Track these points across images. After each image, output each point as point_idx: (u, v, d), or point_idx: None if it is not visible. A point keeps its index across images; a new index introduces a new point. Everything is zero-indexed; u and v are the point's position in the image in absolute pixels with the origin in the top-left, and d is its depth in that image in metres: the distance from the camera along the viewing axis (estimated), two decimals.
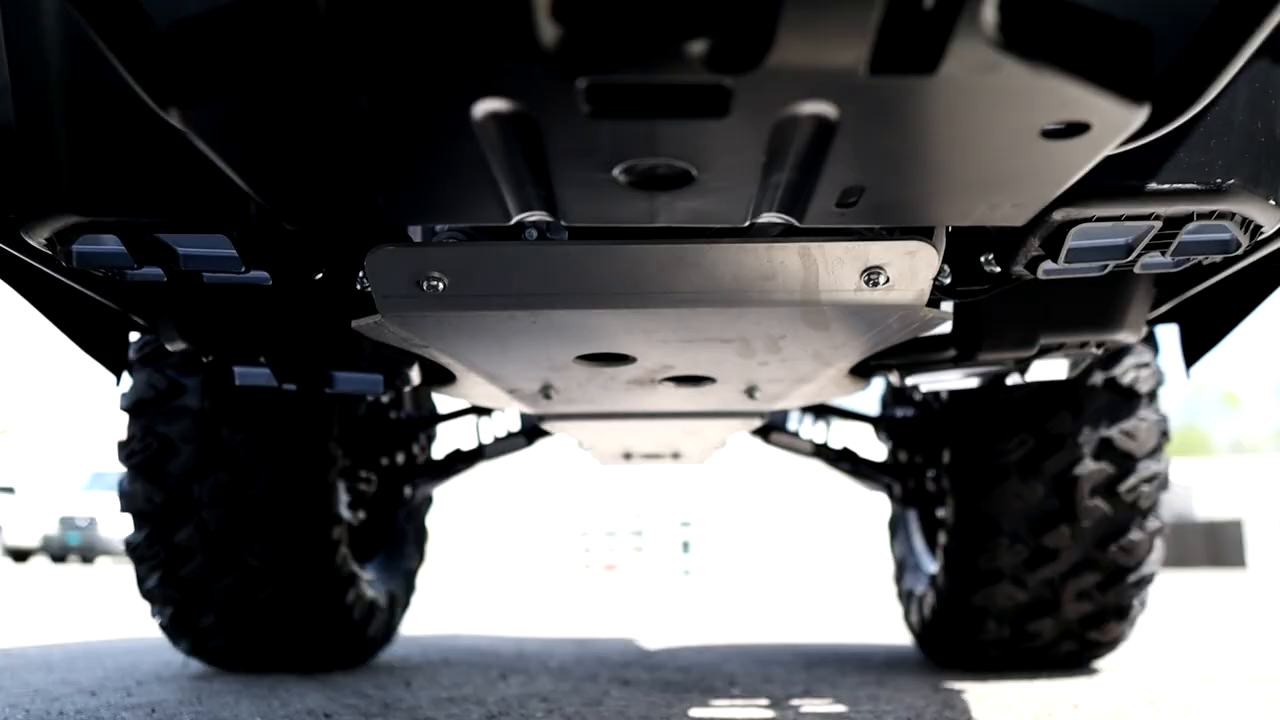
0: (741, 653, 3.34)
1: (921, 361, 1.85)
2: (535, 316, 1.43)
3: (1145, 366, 2.36)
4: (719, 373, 1.78)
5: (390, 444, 2.86)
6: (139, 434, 2.35)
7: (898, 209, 1.05)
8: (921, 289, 1.38)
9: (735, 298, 1.38)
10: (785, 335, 1.56)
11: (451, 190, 1.00)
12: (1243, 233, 1.31)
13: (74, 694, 2.25)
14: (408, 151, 0.92)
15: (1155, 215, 1.26)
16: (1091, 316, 1.69)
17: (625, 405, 2.07)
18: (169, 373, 2.34)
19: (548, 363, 1.71)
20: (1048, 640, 2.50)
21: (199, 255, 1.34)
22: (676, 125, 0.83)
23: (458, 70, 0.76)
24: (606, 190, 0.96)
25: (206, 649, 2.53)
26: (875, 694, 2.25)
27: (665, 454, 2.76)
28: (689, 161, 0.90)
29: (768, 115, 0.82)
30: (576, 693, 2.31)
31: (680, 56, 0.72)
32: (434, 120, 0.85)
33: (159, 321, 1.68)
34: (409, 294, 1.36)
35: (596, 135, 0.85)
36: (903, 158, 0.92)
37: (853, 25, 0.70)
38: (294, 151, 0.93)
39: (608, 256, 1.31)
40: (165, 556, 2.37)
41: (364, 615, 2.64)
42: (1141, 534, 2.36)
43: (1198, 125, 1.19)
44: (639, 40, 0.71)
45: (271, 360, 1.77)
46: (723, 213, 1.04)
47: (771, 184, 0.97)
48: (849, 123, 0.83)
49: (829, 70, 0.75)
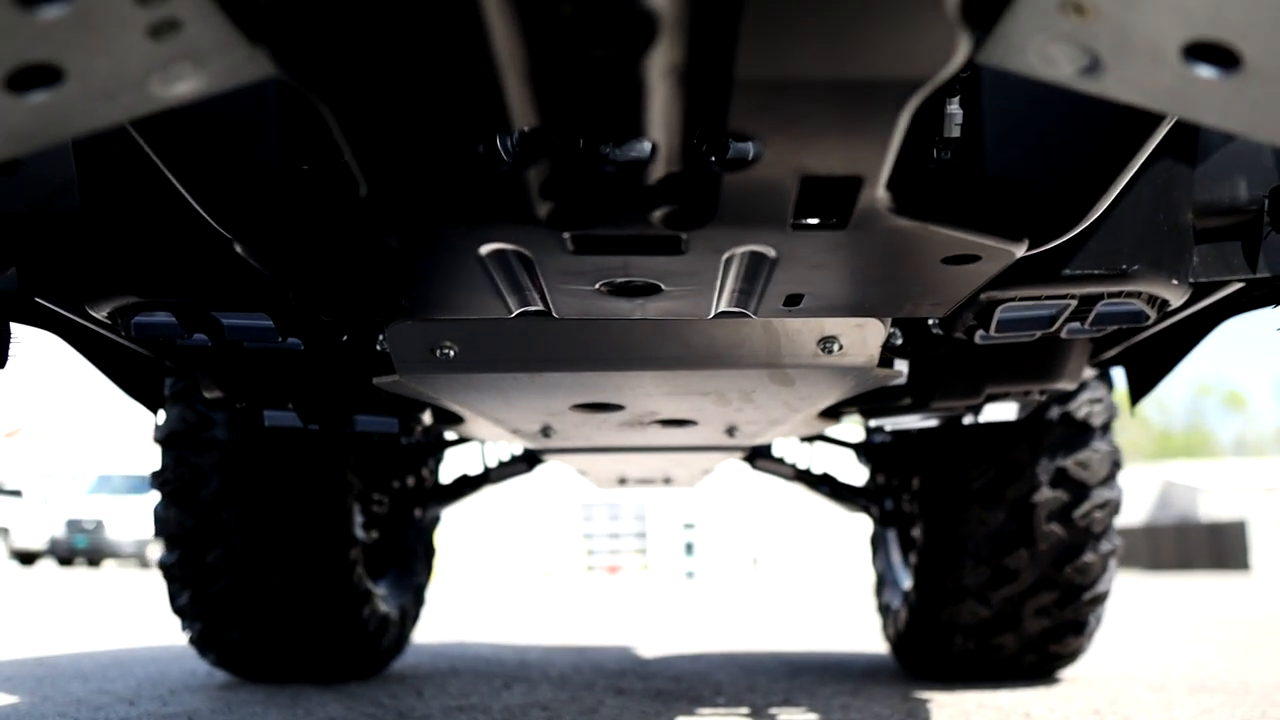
0: (730, 661, 3.54)
1: (883, 407, 2.06)
2: (534, 376, 1.64)
3: (1098, 402, 2.56)
4: (700, 417, 1.99)
5: (401, 468, 3.06)
6: (172, 464, 2.55)
7: (835, 308, 1.25)
8: (871, 354, 1.59)
9: (709, 363, 1.58)
10: (756, 390, 1.76)
11: (463, 296, 1.20)
12: (1150, 307, 1.51)
13: (114, 703, 2.46)
14: (427, 274, 1.12)
15: (1071, 295, 1.46)
16: (1032, 369, 1.88)
17: (617, 441, 2.27)
18: (199, 408, 2.54)
19: (546, 410, 1.91)
20: (1011, 653, 2.70)
21: (241, 326, 1.54)
22: (644, 259, 1.03)
23: (471, 226, 0.96)
24: (591, 296, 1.17)
25: (233, 661, 2.73)
26: (848, 703, 2.46)
27: (657, 479, 2.97)
28: (656, 279, 1.11)
29: (716, 253, 1.02)
30: (574, 701, 2.51)
31: (643, 219, 0.92)
32: (449, 256, 1.05)
33: (198, 374, 1.89)
34: (424, 360, 1.57)
35: (580, 264, 1.05)
36: (831, 277, 1.12)
37: (777, 199, 0.90)
38: (335, 272, 1.13)
39: (597, 330, 1.51)
40: (196, 576, 2.58)
41: (378, 629, 2.85)
42: (1095, 556, 2.55)
43: (1106, 221, 1.39)
44: (611, 209, 0.91)
45: (298, 406, 1.97)
46: (689, 310, 1.24)
47: (727, 291, 1.17)
48: (783, 257, 1.04)
49: (761, 227, 0.95)
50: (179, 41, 0.69)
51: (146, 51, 0.68)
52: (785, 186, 0.88)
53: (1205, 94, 0.68)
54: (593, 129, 0.77)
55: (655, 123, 0.74)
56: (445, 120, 0.76)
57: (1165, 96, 0.69)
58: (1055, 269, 1.41)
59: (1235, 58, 0.63)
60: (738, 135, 0.79)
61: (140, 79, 0.70)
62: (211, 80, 0.74)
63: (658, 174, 0.84)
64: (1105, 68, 0.70)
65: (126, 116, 0.73)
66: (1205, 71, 0.66)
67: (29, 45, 0.63)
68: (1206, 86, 0.67)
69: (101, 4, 0.62)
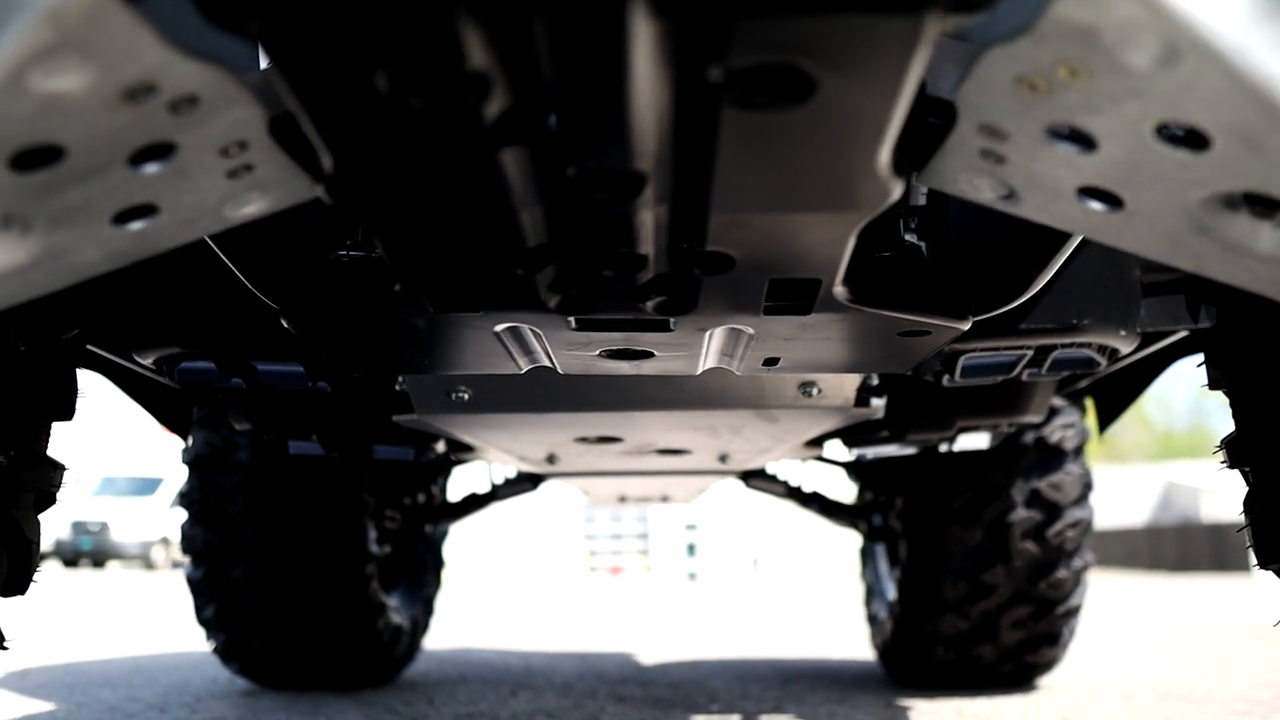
0: (726, 668, 3.70)
1: (863, 438, 2.22)
2: (540, 416, 1.80)
3: (1071, 427, 2.71)
4: (694, 447, 2.15)
5: (412, 487, 3.23)
6: (198, 485, 2.71)
7: (807, 368, 1.41)
8: (848, 396, 1.75)
9: (700, 404, 1.75)
10: (744, 426, 1.93)
11: (479, 358, 1.36)
12: (1100, 355, 1.67)
13: (145, 710, 2.62)
14: (448, 344, 1.28)
15: (1027, 346, 1.62)
16: (1000, 405, 2.04)
17: (617, 466, 2.44)
18: (224, 433, 2.70)
19: (551, 442, 2.08)
20: (990, 662, 2.86)
21: (275, 372, 1.71)
22: (637, 334, 1.19)
23: (487, 311, 1.12)
24: (592, 359, 1.32)
25: (254, 670, 2.90)
26: (834, 710, 2.61)
27: (655, 498, 3.13)
28: (649, 348, 1.27)
29: (700, 331, 1.18)
30: (577, 708, 2.67)
31: (635, 309, 1.08)
32: (469, 331, 1.21)
33: (230, 409, 2.05)
34: (440, 402, 1.73)
35: (583, 337, 1.21)
36: (802, 346, 1.28)
37: (750, 294, 1.06)
38: (368, 342, 1.29)
39: (598, 378, 1.67)
40: (221, 590, 2.74)
41: (391, 639, 3.01)
42: (1068, 572, 2.71)
43: (1058, 281, 1.55)
44: (608, 302, 1.07)
45: (322, 438, 2.13)
46: (679, 369, 1.40)
47: (712, 354, 1.33)
48: (758, 333, 1.20)
49: (737, 313, 1.11)
50: (251, 179, 0.85)
51: (224, 188, 0.84)
52: (756, 285, 1.04)
53: (1099, 223, 0.84)
54: (594, 247, 0.92)
55: (645, 241, 0.90)
56: (472, 243, 0.92)
57: (1069, 221, 0.85)
58: (1012, 325, 1.56)
59: (1118, 200, 0.79)
60: (714, 252, 0.95)
61: (217, 207, 0.87)
62: (273, 203, 0.90)
63: (648, 276, 1.00)
64: (1020, 198, 0.86)
65: (204, 234, 0.90)
66: (1096, 206, 0.82)
67: (134, 192, 0.79)
68: (1099, 218, 0.83)
69: (192, 159, 0.78)
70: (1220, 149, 0.68)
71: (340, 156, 0.77)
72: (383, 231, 0.93)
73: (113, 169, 0.75)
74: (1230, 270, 0.83)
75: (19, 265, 0.81)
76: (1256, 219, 0.76)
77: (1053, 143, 0.75)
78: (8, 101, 0.63)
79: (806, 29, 0.60)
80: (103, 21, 0.60)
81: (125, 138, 0.72)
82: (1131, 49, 0.63)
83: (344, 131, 0.74)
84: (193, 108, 0.72)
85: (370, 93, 0.67)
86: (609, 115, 0.69)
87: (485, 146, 0.73)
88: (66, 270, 0.86)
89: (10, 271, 0.81)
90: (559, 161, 0.76)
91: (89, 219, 0.80)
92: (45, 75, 0.62)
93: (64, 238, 0.81)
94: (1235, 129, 0.66)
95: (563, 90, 0.67)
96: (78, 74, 0.63)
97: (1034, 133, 0.76)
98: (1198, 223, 0.79)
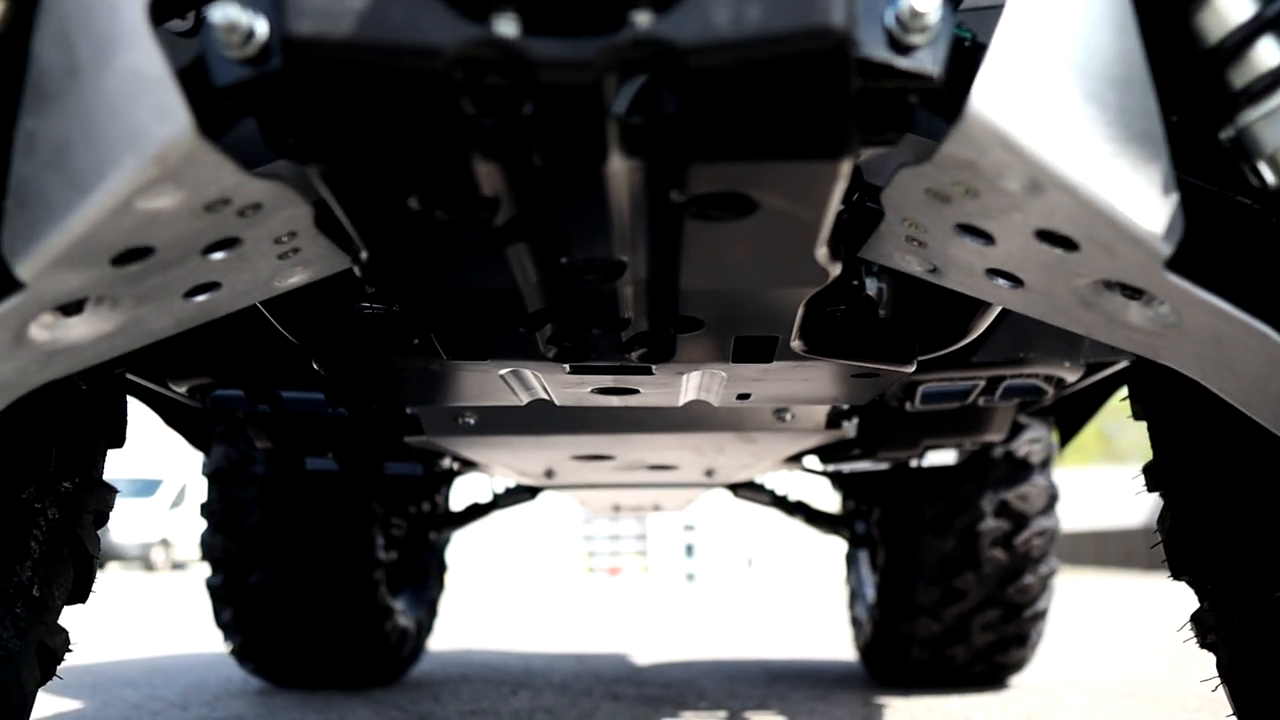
0: (716, 668, 3.87)
1: (837, 455, 2.39)
2: (539, 438, 1.97)
3: (1038, 442, 2.89)
4: (681, 463, 2.32)
5: (417, 496, 3.40)
6: (218, 497, 2.89)
7: (777, 400, 1.58)
8: (819, 420, 1.92)
9: (685, 428, 1.92)
10: (726, 446, 2.10)
11: (484, 393, 1.53)
12: (1047, 384, 1.84)
13: (168, 708, 2.79)
14: (457, 383, 1.45)
15: (979, 376, 1.79)
16: (963, 426, 2.21)
17: (611, 479, 2.61)
18: (241, 447, 2.88)
19: (549, 460, 2.25)
20: (962, 663, 3.03)
21: (298, 400, 1.88)
22: (623, 376, 1.37)
23: (493, 360, 1.29)
24: (586, 395, 1.50)
25: (269, 670, 3.07)
26: (815, 707, 2.79)
27: (648, 507, 3.31)
28: (634, 386, 1.44)
29: (679, 374, 1.35)
30: (574, 706, 2.84)
31: (621, 358, 1.25)
32: (477, 374, 1.38)
33: (252, 429, 2.21)
34: (448, 426, 1.90)
35: (577, 379, 1.38)
36: (769, 385, 1.45)
37: (719, 348, 1.23)
38: (387, 383, 1.46)
39: (591, 407, 1.84)
40: (239, 596, 2.91)
41: (397, 640, 3.18)
42: (1035, 578, 2.89)
43: (1005, 320, 1.72)
44: (597, 354, 1.24)
45: (337, 455, 2.30)
46: (662, 402, 1.57)
47: (690, 390, 1.50)
48: (730, 375, 1.37)
49: (709, 362, 1.28)
50: (297, 258, 1.03)
51: (275, 266, 1.02)
52: (724, 339, 1.21)
53: (1007, 296, 1.01)
54: (584, 313, 1.10)
55: (627, 307, 1.07)
56: (481, 310, 1.10)
57: (983, 294, 1.02)
58: (964, 358, 1.74)
59: (1019, 280, 0.96)
60: (685, 316, 1.12)
61: (268, 281, 1.04)
62: (313, 275, 1.08)
63: (631, 334, 1.17)
64: (942, 273, 1.03)
65: (255, 301, 1.07)
66: (1002, 283, 0.99)
67: (203, 274, 0.96)
68: (1006, 292, 1.00)
69: (252, 248, 0.95)
70: (1086, 251, 0.85)
71: (376, 250, 0.94)
72: (406, 301, 1.10)
73: (189, 259, 0.92)
74: (1113, 335, 1.01)
75: (106, 334, 0.98)
76: (1126, 299, 0.93)
77: (961, 236, 0.92)
78: (116, 220, 0.80)
79: (746, 170, 0.77)
80: (196, 159, 0.77)
81: (202, 237, 0.89)
82: (1006, 179, 0.80)
83: (381, 235, 0.91)
84: (257, 212, 0.90)
85: (404, 209, 0.84)
86: (594, 223, 0.86)
87: (494, 244, 0.90)
88: (142, 335, 1.03)
89: (98, 338, 0.98)
90: (554, 253, 0.93)
91: (165, 296, 0.97)
92: (147, 200, 0.79)
93: (144, 311, 0.98)
94: (1093, 238, 0.83)
95: (557, 206, 0.84)
96: (172, 197, 0.80)
97: (945, 228, 0.93)
98: (1083, 299, 0.96)
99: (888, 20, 0.72)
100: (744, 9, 0.66)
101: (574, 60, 0.67)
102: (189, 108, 0.73)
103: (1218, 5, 0.84)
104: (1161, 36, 0.85)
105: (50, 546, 1.33)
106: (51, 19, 0.77)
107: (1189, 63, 0.85)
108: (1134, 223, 0.79)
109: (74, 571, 1.40)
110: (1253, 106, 0.82)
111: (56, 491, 1.36)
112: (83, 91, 0.76)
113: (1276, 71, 0.81)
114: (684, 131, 0.72)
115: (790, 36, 0.66)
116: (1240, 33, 0.82)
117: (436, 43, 0.66)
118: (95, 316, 0.95)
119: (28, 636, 1.28)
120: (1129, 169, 0.78)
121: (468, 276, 0.99)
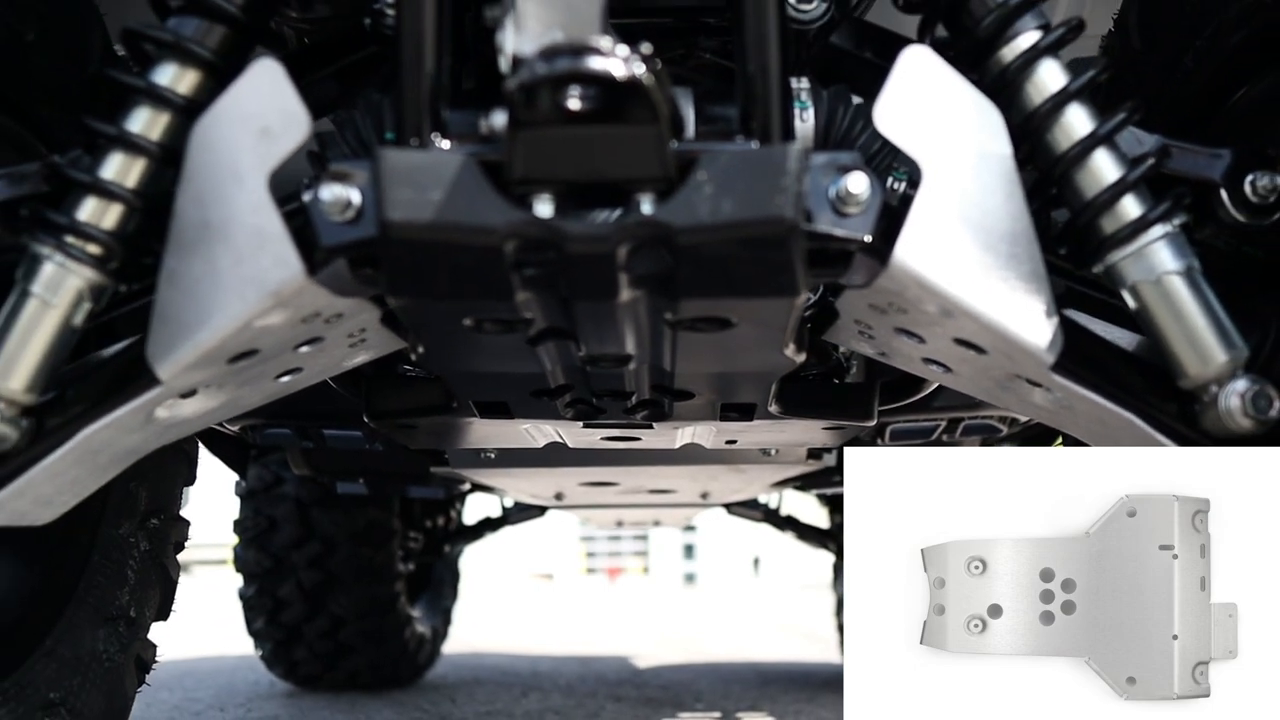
0: (712, 671, 4.12)
1: (819, 482, 2.64)
2: (552, 469, 2.21)
3: None
4: (678, 489, 2.57)
5: (434, 512, 3.65)
6: (251, 514, 3.13)
7: (760, 445, 1.83)
8: (800, 455, 2.16)
9: (681, 461, 2.16)
10: (718, 475, 2.34)
11: (507, 439, 1.77)
12: (1002, 423, 2.08)
13: (206, 709, 3.03)
14: (485, 433, 1.69)
15: (940, 418, 2.03)
16: None
17: (615, 500, 2.86)
18: (273, 468, 3.12)
19: (559, 485, 2.50)
20: None
21: (339, 436, 2.11)
22: (627, 429, 1.61)
23: (519, 419, 1.53)
24: (595, 441, 1.74)
25: (297, 674, 3.31)
26: (802, 709, 3.03)
27: (649, 523, 3.55)
28: (637, 434, 1.68)
29: (675, 428, 1.59)
30: (580, 707, 3.08)
31: (626, 418, 1.49)
32: (504, 426, 1.62)
33: (291, 458, 2.45)
34: (471, 459, 2.14)
35: (587, 431, 1.62)
36: (753, 434, 1.69)
37: (708, 410, 1.47)
38: (426, 431, 1.70)
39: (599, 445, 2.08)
40: (270, 606, 3.15)
41: (416, 646, 3.43)
42: None
43: None
44: (606, 415, 1.48)
45: (367, 481, 2.55)
46: (661, 446, 1.81)
47: (686, 437, 1.74)
48: (720, 430, 1.61)
49: (700, 420, 1.52)
50: (364, 345, 1.27)
51: (346, 352, 1.26)
52: (712, 405, 1.45)
53: (942, 377, 1.25)
54: (596, 389, 1.34)
55: (631, 384, 1.31)
56: (512, 385, 1.34)
57: (924, 374, 1.26)
58: (927, 404, 1.97)
59: (949, 368, 1.20)
60: (679, 389, 1.36)
61: (339, 363, 1.28)
62: (374, 355, 1.32)
63: (634, 402, 1.41)
64: (890, 357, 1.27)
65: (326, 377, 1.31)
66: (936, 369, 1.22)
67: (290, 363, 1.19)
68: (941, 374, 1.24)
69: (331, 342, 1.19)
70: (993, 355, 1.09)
71: (432, 348, 1.18)
72: (452, 378, 1.34)
73: (283, 354, 1.16)
74: (1026, 410, 1.25)
75: (211, 410, 1.22)
76: (1031, 386, 1.16)
77: (899, 335, 1.16)
78: (235, 336, 1.03)
79: (724, 303, 1.01)
80: (303, 292, 1.00)
81: (295, 339, 1.13)
82: (924, 306, 1.04)
83: (437, 341, 1.15)
84: (339, 318, 1.14)
85: (458, 325, 1.08)
86: (607, 332, 1.10)
87: (527, 345, 1.14)
88: (235, 409, 1.27)
89: (203, 414, 1.22)
90: (574, 349, 1.17)
91: (261, 380, 1.21)
92: (261, 321, 1.03)
93: (243, 392, 1.22)
94: (995, 348, 1.07)
95: (577, 320, 1.08)
96: (279, 316, 1.04)
97: (887, 329, 1.17)
98: (1000, 384, 1.20)
99: (830, 194, 0.96)
100: (721, 202, 0.90)
101: (595, 235, 0.90)
102: (300, 257, 0.96)
103: (1093, 167, 1.07)
104: (1047, 195, 1.09)
105: (143, 574, 1.57)
106: (191, 185, 1.01)
107: (1069, 213, 1.09)
108: (1024, 338, 1.03)
109: (160, 593, 1.64)
110: (1118, 249, 1.06)
111: (147, 527, 1.60)
112: (213, 241, 0.99)
113: (1136, 222, 1.05)
114: (675, 279, 0.96)
115: (753, 223, 0.90)
116: (1109, 191, 1.05)
117: (493, 224, 0.90)
118: (205, 398, 1.19)
119: (128, 650, 1.52)
120: (1018, 299, 1.02)
121: (503, 363, 1.23)
